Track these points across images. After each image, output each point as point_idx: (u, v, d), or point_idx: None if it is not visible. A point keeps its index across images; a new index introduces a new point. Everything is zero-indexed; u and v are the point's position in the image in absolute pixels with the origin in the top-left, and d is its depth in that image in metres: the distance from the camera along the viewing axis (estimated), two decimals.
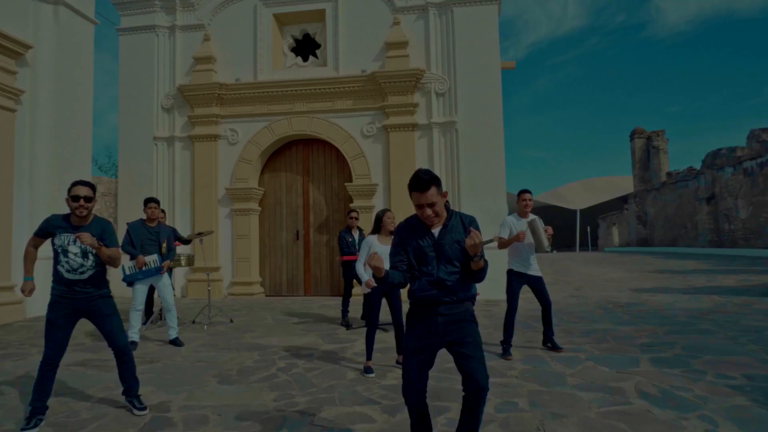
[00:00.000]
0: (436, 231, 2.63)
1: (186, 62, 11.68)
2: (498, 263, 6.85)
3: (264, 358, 5.47)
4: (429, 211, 2.54)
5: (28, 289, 3.68)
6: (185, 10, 11.77)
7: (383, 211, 5.15)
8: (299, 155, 11.51)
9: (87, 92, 9.91)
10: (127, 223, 6.44)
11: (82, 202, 3.61)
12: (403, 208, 10.33)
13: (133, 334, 6.12)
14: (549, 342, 5.57)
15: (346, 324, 7.32)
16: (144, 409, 3.79)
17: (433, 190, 2.54)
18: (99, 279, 3.72)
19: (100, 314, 3.72)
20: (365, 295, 5.24)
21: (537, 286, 5.48)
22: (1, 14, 8.27)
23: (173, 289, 7.87)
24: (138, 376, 4.00)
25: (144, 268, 6.21)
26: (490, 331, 6.56)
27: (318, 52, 11.59)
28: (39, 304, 8.51)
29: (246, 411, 3.80)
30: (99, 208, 14.23)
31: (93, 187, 3.72)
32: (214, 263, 11.04)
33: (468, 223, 2.68)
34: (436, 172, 10.43)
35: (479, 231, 2.55)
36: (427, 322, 2.59)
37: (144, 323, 7.40)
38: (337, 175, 11.26)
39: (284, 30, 11.79)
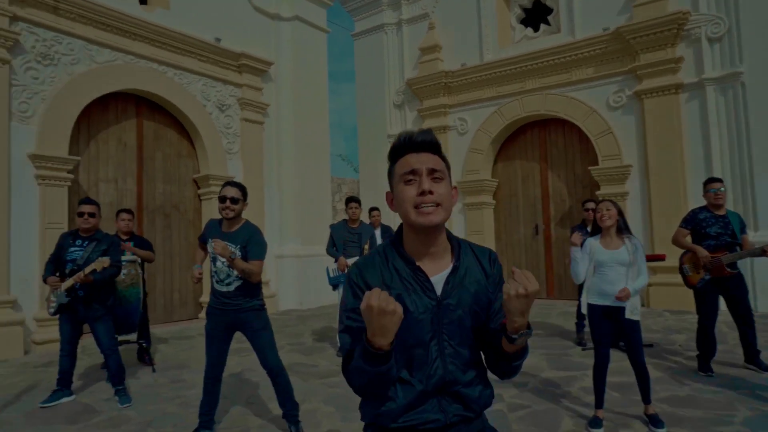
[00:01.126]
0: (437, 279, 1.37)
1: (413, 55, 11.46)
2: None
3: None
4: (428, 197, 1.30)
5: (195, 272, 3.69)
6: (410, 3, 11.55)
7: (597, 202, 3.76)
8: (534, 139, 10.17)
9: (323, 97, 10.44)
10: (330, 225, 6.25)
11: (228, 203, 3.31)
12: (666, 196, 8.16)
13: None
14: None
15: (580, 341, 5.88)
16: None
17: (436, 159, 1.37)
18: (248, 290, 3.36)
19: (250, 328, 3.37)
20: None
21: None
22: (248, 38, 9.16)
23: None
24: (325, 391, 3.54)
25: (346, 270, 5.91)
26: None
27: (550, 18, 10.06)
28: (291, 298, 9.22)
29: None
30: (344, 209, 15.23)
31: (243, 189, 3.38)
32: None
33: (491, 262, 1.45)
34: (715, 143, 7.92)
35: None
36: None
37: None
38: (579, 159, 9.58)
39: (511, 1, 10.59)
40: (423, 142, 1.36)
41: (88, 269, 4.02)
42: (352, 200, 6.07)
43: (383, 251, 1.40)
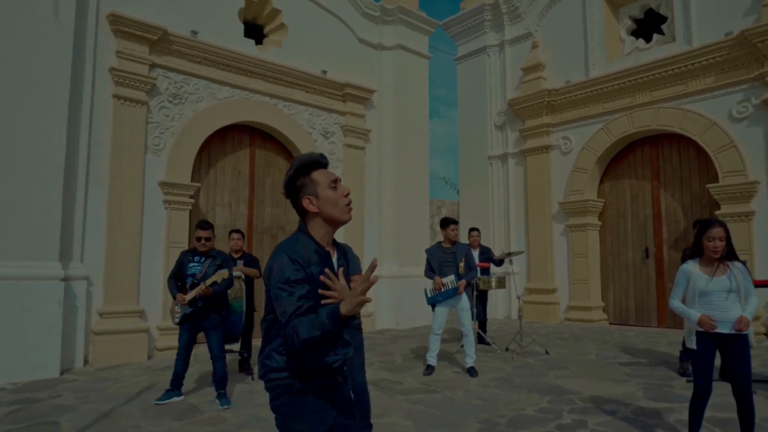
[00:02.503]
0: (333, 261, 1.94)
1: (515, 76, 11.36)
2: None
3: (552, 407, 4.41)
4: (349, 197, 1.94)
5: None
6: (513, 23, 11.50)
7: (707, 223, 3.46)
8: (645, 156, 9.55)
9: (423, 122, 10.69)
10: (426, 250, 6.37)
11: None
12: None
13: (431, 358, 5.95)
14: None
15: (684, 371, 5.39)
16: None
17: None
18: None
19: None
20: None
21: None
22: (352, 68, 9.71)
23: (480, 310, 7.48)
24: (407, 407, 3.67)
25: (442, 289, 5.98)
26: None
27: (664, 27, 9.47)
28: (387, 318, 9.46)
29: None
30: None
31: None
32: (549, 284, 10.17)
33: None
34: None
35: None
36: None
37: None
38: (698, 175, 8.81)
39: (620, 13, 10.13)
40: (326, 162, 1.90)
41: (208, 281, 4.60)
42: (449, 222, 6.15)
43: (298, 239, 1.80)
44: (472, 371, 5.72)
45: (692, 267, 3.45)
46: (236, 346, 5.85)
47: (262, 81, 8.46)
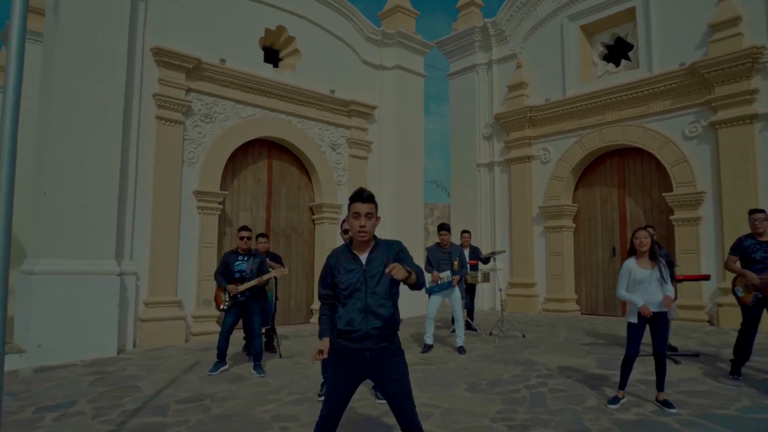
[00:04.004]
0: (363, 258, 2.76)
1: (501, 92, 12.62)
2: None
3: (523, 374, 5.68)
4: (362, 229, 2.70)
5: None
6: (500, 44, 12.76)
7: (637, 230, 4.73)
8: (613, 167, 10.87)
9: (419, 134, 11.92)
10: (426, 248, 7.63)
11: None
12: (739, 222, 8.57)
13: (428, 338, 7.20)
14: None
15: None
16: None
17: (370, 206, 2.71)
18: None
19: None
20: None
21: None
22: (356, 87, 10.90)
23: (468, 301, 8.74)
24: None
25: (439, 282, 7.22)
26: None
27: (631, 54, 10.78)
28: None
29: (465, 416, 4.21)
30: (434, 231, 16.51)
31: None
32: (529, 279, 11.47)
33: (389, 247, 2.79)
34: None
35: None
36: None
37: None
38: (657, 185, 10.14)
39: (593, 39, 11.43)
40: (365, 198, 2.65)
41: (265, 277, 5.90)
42: (443, 228, 7.40)
43: (341, 250, 2.75)
44: (461, 350, 6.98)
45: (632, 264, 4.71)
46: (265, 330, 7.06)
47: (279, 100, 9.63)
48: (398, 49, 11.55)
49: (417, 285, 2.59)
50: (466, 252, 9.01)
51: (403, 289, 2.90)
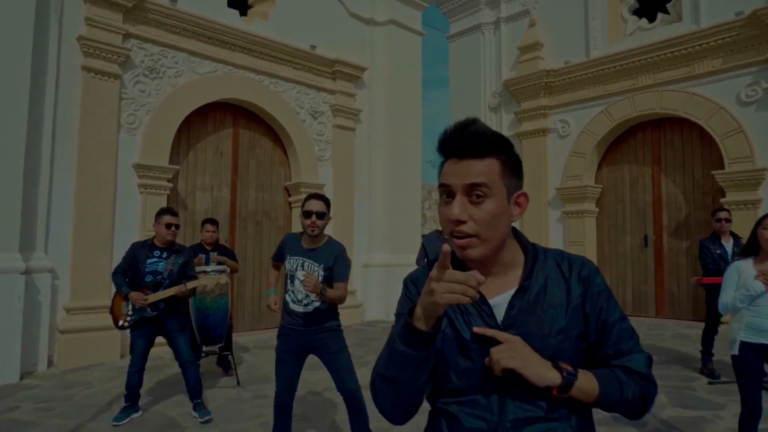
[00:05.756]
0: (498, 301, 1.12)
1: (511, 55, 10.87)
2: None
3: None
4: (459, 227, 1.07)
5: (271, 302, 3.37)
6: (509, 0, 10.97)
7: (762, 218, 3.07)
8: (646, 141, 9.20)
9: (416, 103, 10.16)
10: (423, 236, 5.93)
11: (314, 219, 3.08)
12: None
13: None
14: None
15: (710, 372, 5.08)
16: None
17: (483, 167, 1.07)
18: (328, 310, 3.15)
19: (327, 351, 3.13)
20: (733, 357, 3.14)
21: None
22: (342, 44, 9.10)
23: None
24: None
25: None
26: None
27: (669, 6, 9.06)
28: (377, 309, 9.04)
29: None
30: (433, 216, 14.84)
31: (328, 202, 3.17)
32: None
33: (581, 280, 1.15)
34: None
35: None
36: None
37: None
38: (701, 162, 8.50)
39: None
40: (465, 141, 1.07)
41: (190, 285, 4.05)
42: None
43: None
44: None
45: (745, 265, 3.06)
46: (216, 348, 5.33)
47: (247, 55, 7.83)
48: (392, 1, 9.74)
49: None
50: None
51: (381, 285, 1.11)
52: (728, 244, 5.32)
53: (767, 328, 2.94)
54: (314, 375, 4.94)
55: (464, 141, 1.07)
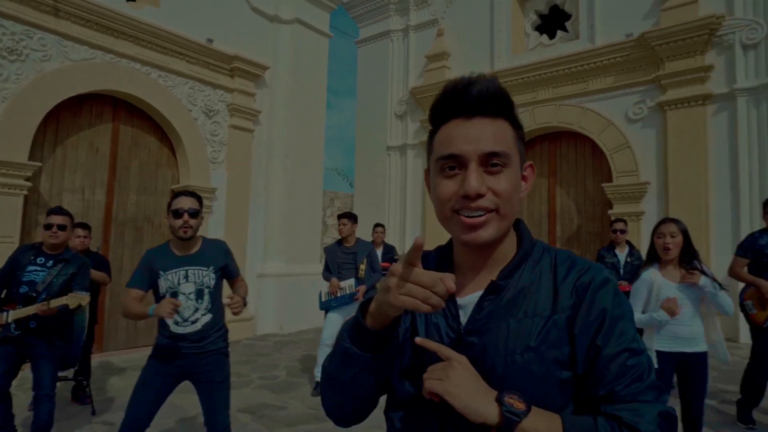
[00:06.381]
0: (468, 300, 0.94)
1: (419, 63, 10.85)
2: None
3: None
4: (475, 202, 0.88)
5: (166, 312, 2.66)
6: (419, 8, 10.97)
7: (661, 223, 3.07)
8: (544, 153, 9.47)
9: (320, 106, 9.84)
10: (324, 248, 5.59)
11: (186, 218, 2.67)
12: (687, 217, 7.39)
13: (320, 373, 5.18)
14: None
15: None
16: None
17: (500, 129, 0.91)
18: (217, 325, 2.80)
19: (209, 379, 2.73)
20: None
21: None
22: (243, 40, 8.59)
23: None
24: None
25: (339, 294, 5.24)
26: None
27: (568, 24, 9.40)
28: (270, 322, 8.55)
29: None
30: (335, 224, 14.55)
31: (200, 198, 2.78)
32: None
33: (575, 290, 0.90)
34: (744, 159, 7.18)
35: None
36: None
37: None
38: (592, 175, 8.85)
39: (526, 6, 9.94)
40: (481, 98, 0.89)
41: (55, 302, 3.25)
42: (342, 216, 5.41)
43: (430, 257, 1.08)
44: None
45: (654, 276, 3.02)
46: (71, 372, 4.65)
47: (133, 44, 7.13)
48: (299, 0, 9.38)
49: None
50: (379, 251, 7.12)
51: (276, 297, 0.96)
52: (622, 253, 5.51)
53: (682, 335, 2.90)
54: (185, 400, 4.42)
55: (477, 95, 0.89)
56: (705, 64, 7.47)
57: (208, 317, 2.73)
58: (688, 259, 2.91)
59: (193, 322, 2.70)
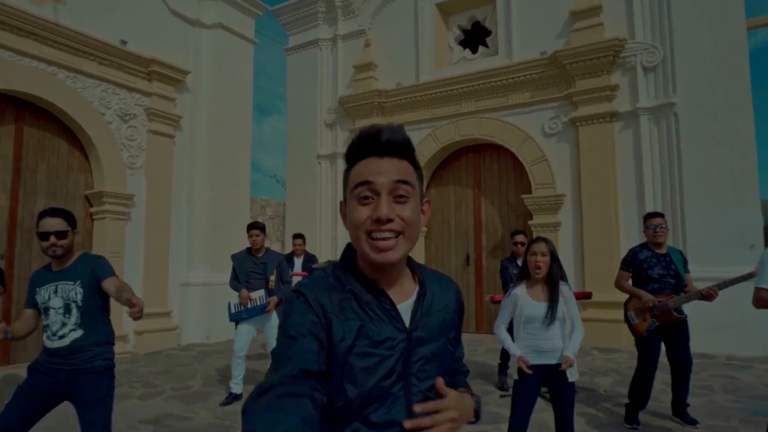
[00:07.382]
0: (403, 308, 1.14)
1: (347, 73, 10.89)
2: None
3: None
4: (386, 225, 1.06)
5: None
6: (346, 18, 11.03)
7: (532, 242, 3.19)
8: (468, 165, 9.73)
9: (245, 112, 9.68)
10: (231, 256, 5.47)
11: (53, 240, 2.57)
12: (598, 229, 7.83)
13: (234, 385, 5.05)
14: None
15: (501, 385, 5.33)
16: None
17: (405, 166, 1.12)
18: (91, 340, 2.68)
19: (81, 398, 2.61)
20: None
21: None
22: (162, 44, 8.32)
23: None
24: None
25: (249, 305, 5.13)
26: None
27: (489, 40, 9.75)
28: (196, 331, 8.27)
29: None
30: (267, 232, 14.33)
31: (68, 216, 2.65)
32: None
33: (457, 297, 1.32)
34: (648, 173, 7.66)
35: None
36: None
37: None
38: (514, 186, 9.18)
39: (450, 21, 10.23)
40: (390, 143, 1.10)
41: None
42: (253, 227, 5.31)
43: (332, 273, 1.15)
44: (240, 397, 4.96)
45: (520, 293, 3.13)
46: None
47: (37, 43, 6.76)
48: (221, 4, 9.22)
49: None
50: (299, 262, 7.05)
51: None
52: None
53: (545, 348, 3.00)
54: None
55: (388, 140, 1.09)
56: (611, 83, 7.94)
57: (78, 333, 2.65)
58: (552, 279, 3.05)
59: (61, 337, 2.64)
